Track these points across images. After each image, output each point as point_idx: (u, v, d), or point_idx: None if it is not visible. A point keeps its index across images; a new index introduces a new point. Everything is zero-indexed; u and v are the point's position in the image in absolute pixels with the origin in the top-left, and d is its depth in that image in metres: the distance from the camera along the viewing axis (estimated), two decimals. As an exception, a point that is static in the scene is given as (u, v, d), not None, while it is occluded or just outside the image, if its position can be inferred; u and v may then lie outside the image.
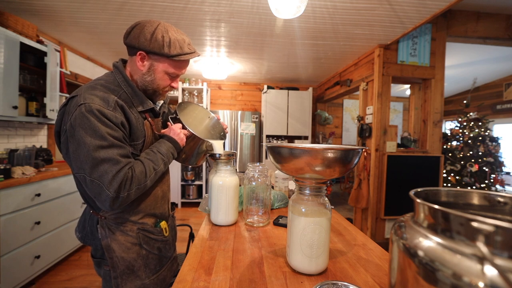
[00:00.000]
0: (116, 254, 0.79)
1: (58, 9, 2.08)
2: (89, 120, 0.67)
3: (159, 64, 0.79)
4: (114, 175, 0.68)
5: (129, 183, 0.70)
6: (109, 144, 0.69)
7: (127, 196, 0.71)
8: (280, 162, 0.62)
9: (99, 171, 0.67)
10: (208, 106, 4.32)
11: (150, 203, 0.87)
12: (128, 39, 0.77)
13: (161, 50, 0.76)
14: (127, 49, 0.81)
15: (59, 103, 2.40)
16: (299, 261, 0.61)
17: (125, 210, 0.81)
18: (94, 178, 0.67)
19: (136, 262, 0.82)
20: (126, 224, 0.81)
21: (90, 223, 0.84)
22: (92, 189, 0.68)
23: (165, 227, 0.90)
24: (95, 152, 0.66)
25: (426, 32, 2.70)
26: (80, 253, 2.42)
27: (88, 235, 0.84)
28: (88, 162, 0.67)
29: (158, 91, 0.85)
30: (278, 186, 1.36)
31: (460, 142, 3.51)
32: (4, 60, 1.81)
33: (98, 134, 0.67)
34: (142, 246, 0.83)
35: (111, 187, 0.67)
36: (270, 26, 2.32)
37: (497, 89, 4.59)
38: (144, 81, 0.82)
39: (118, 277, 0.80)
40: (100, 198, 0.68)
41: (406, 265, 0.31)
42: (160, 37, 0.75)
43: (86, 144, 0.66)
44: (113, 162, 0.68)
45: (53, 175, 2.00)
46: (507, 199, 0.35)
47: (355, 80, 3.21)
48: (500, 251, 0.25)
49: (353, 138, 5.49)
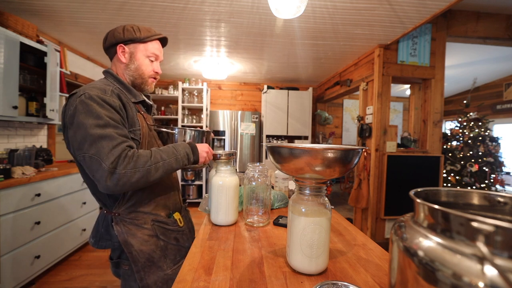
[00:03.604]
0: (134, 248, 0.82)
1: (58, 9, 2.08)
2: (88, 105, 0.72)
3: (137, 50, 0.89)
4: (111, 149, 0.70)
5: (127, 160, 0.71)
6: (106, 123, 0.72)
7: (124, 174, 0.70)
8: (280, 162, 0.62)
9: (96, 146, 0.70)
10: (208, 106, 4.32)
11: (160, 192, 0.90)
12: (106, 43, 0.89)
13: (134, 35, 0.87)
14: (108, 53, 0.92)
15: (59, 103, 2.40)
16: (299, 261, 0.61)
17: (136, 202, 0.84)
18: (92, 154, 0.69)
19: (155, 254, 0.85)
20: (139, 217, 0.84)
21: (104, 224, 0.87)
22: (91, 167, 0.70)
23: (178, 218, 0.94)
24: (92, 129, 0.70)
25: (426, 32, 2.70)
26: (80, 253, 2.42)
27: (102, 237, 0.87)
28: (87, 140, 0.70)
29: (144, 78, 0.92)
30: (278, 186, 1.36)
31: (460, 142, 3.51)
32: (4, 60, 1.81)
33: (95, 114, 0.72)
34: (159, 237, 0.86)
35: (107, 159, 0.69)
36: (270, 26, 2.32)
37: (497, 89, 4.59)
38: (130, 71, 0.90)
39: (140, 271, 0.83)
40: (98, 174, 0.69)
41: (406, 265, 0.31)
42: (130, 28, 0.88)
43: (84, 125, 0.70)
44: (109, 138, 0.71)
45: (53, 175, 2.00)
46: (507, 199, 0.35)
47: (355, 80, 3.21)
48: (500, 251, 0.25)
49: (353, 138, 5.49)
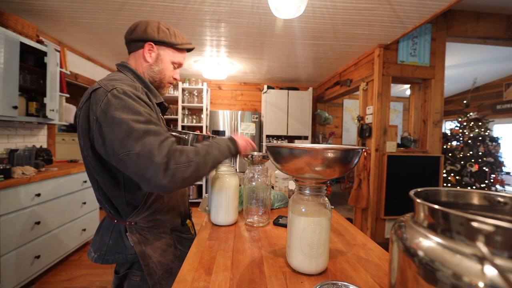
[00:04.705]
0: (152, 259, 0.76)
1: (58, 9, 2.08)
2: (123, 100, 0.65)
3: (166, 53, 0.85)
4: (160, 143, 0.63)
5: (178, 154, 0.64)
6: (147, 120, 0.66)
7: (177, 170, 0.62)
8: (280, 162, 0.62)
9: (144, 142, 0.62)
10: (208, 106, 4.32)
11: (176, 199, 0.87)
12: (134, 34, 0.81)
13: (169, 39, 0.83)
14: (131, 45, 0.84)
15: (59, 103, 2.40)
16: (299, 261, 0.61)
17: (157, 209, 0.79)
18: (139, 151, 0.61)
19: (174, 264, 0.81)
20: (159, 226, 0.80)
21: (112, 235, 0.78)
22: (138, 165, 0.62)
23: (191, 225, 0.93)
24: (136, 125, 0.63)
25: (426, 32, 2.70)
26: (80, 253, 2.42)
27: (110, 251, 0.78)
28: (131, 136, 0.62)
29: (163, 82, 0.88)
30: (278, 186, 1.36)
31: (460, 142, 3.51)
32: (4, 60, 1.81)
33: (134, 110, 0.65)
34: (176, 247, 0.84)
35: (160, 154, 0.61)
36: (270, 26, 2.32)
37: (497, 89, 4.59)
38: (152, 72, 0.84)
39: (157, 284, 0.76)
40: (149, 172, 0.61)
41: (406, 265, 0.31)
42: (166, 29, 0.83)
43: (124, 120, 0.63)
44: (155, 133, 0.64)
45: (53, 175, 2.00)
46: (507, 199, 0.35)
47: (355, 80, 3.21)
48: (500, 251, 0.25)
49: (353, 138, 5.49)
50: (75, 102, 4.76)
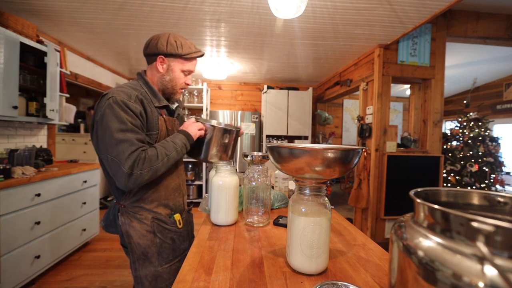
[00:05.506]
0: (133, 239, 0.89)
1: (58, 9, 2.08)
2: (114, 109, 0.80)
3: (175, 64, 0.97)
4: (129, 154, 0.79)
5: (141, 163, 0.81)
6: (128, 128, 0.81)
7: (140, 175, 0.80)
8: (280, 162, 0.62)
9: (117, 150, 0.78)
10: (208, 106, 4.32)
11: (163, 193, 0.96)
12: (148, 50, 0.96)
13: (176, 51, 0.94)
14: (147, 59, 0.98)
15: (59, 103, 2.40)
16: (299, 261, 0.61)
17: (140, 198, 0.91)
18: (113, 156, 0.79)
19: (150, 249, 0.90)
20: (141, 213, 0.91)
21: (113, 212, 0.98)
22: (112, 167, 0.80)
23: (178, 219, 0.98)
24: (116, 133, 0.79)
25: (426, 32, 2.70)
26: (80, 253, 2.42)
27: (111, 223, 0.98)
28: (111, 142, 0.79)
29: (175, 89, 1.00)
30: (278, 186, 1.36)
31: (460, 142, 3.51)
32: (4, 60, 1.81)
33: (119, 119, 0.80)
34: (156, 235, 0.91)
35: (126, 164, 0.78)
36: (270, 26, 2.32)
37: (497, 89, 4.59)
38: (164, 81, 0.98)
39: (135, 262, 0.91)
40: (117, 174, 0.79)
41: (406, 265, 0.31)
42: (174, 42, 0.94)
43: (110, 127, 0.79)
44: (129, 143, 0.80)
45: (53, 175, 2.00)
46: (507, 199, 0.35)
47: (355, 80, 3.21)
48: (500, 251, 0.25)
49: (353, 138, 5.49)
50: (75, 102, 4.77)
